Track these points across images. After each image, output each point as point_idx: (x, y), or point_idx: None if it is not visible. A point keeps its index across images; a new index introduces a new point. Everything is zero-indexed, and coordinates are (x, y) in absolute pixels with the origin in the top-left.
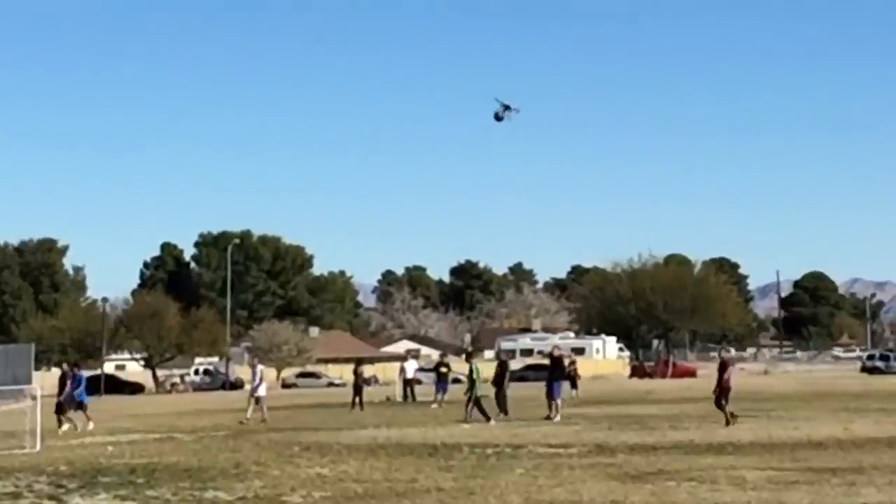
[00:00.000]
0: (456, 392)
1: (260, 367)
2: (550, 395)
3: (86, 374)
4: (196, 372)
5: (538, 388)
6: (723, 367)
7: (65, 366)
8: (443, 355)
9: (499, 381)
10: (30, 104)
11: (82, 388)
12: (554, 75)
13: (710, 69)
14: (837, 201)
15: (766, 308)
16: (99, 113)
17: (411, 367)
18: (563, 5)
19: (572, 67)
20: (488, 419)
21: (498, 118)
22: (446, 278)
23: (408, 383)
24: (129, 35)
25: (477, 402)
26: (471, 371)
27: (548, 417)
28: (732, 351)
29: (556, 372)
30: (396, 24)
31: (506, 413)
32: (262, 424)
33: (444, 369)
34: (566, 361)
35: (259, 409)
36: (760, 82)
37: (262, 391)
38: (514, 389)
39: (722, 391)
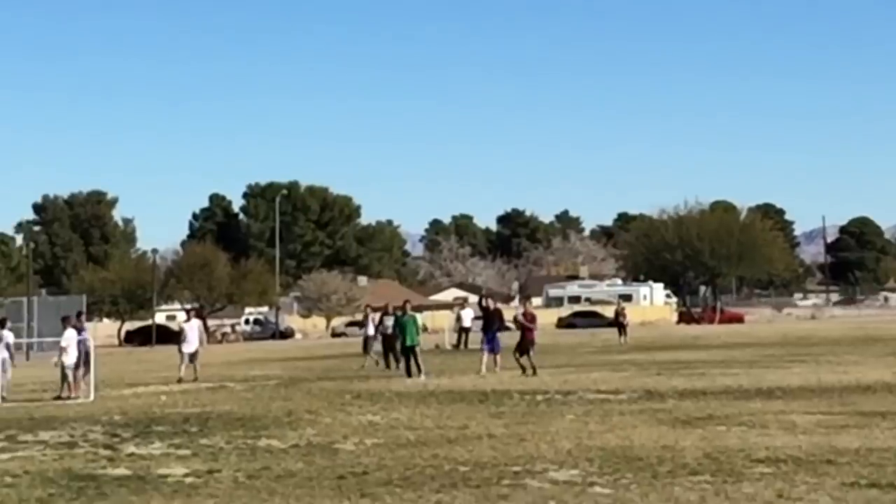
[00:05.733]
0: (506, 339)
1: (192, 323)
2: (491, 349)
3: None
4: (246, 321)
5: (589, 335)
6: (528, 319)
7: None
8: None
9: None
10: (80, 57)
11: None
12: (599, 20)
13: (757, 11)
14: (883, 146)
15: (812, 254)
16: (148, 65)
17: (468, 315)
18: None
19: (616, 10)
20: (420, 372)
21: None
22: (493, 227)
23: (463, 331)
24: None
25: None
26: (403, 321)
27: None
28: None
29: (490, 324)
30: None
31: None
32: (181, 383)
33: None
34: (521, 312)
35: (191, 365)
36: (804, 25)
37: (191, 347)
38: (560, 335)
39: (524, 342)
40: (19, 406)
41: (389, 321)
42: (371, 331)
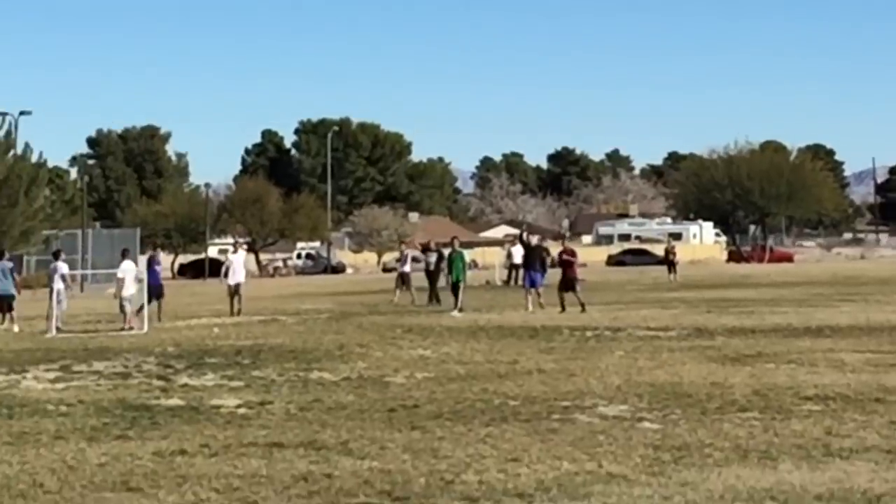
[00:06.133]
0: (552, 276)
1: (239, 255)
2: (532, 285)
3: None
4: (298, 256)
5: (638, 273)
6: (569, 255)
7: None
8: (541, 239)
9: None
10: None
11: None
12: None
13: None
14: None
15: (862, 194)
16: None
17: (518, 252)
18: None
19: None
20: (459, 308)
21: None
22: (544, 165)
23: (514, 268)
24: None
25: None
26: (451, 257)
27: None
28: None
29: (530, 260)
30: None
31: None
32: (233, 316)
33: (543, 254)
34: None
35: (236, 297)
36: None
37: (237, 279)
38: (609, 273)
39: (567, 279)
40: (74, 336)
41: (432, 257)
42: (407, 268)
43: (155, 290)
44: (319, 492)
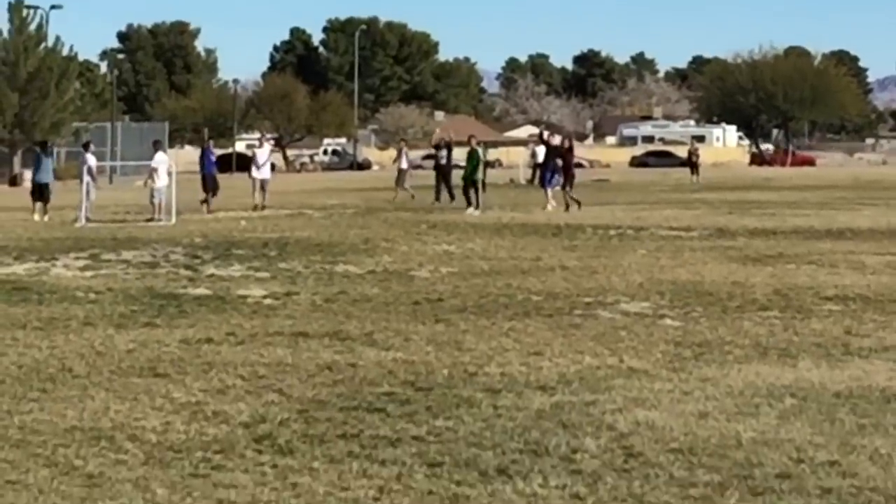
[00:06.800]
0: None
1: (262, 149)
2: (543, 184)
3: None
4: (325, 152)
5: (661, 174)
6: (570, 152)
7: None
8: (565, 138)
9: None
10: None
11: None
12: None
13: None
14: None
15: (886, 101)
16: None
17: (542, 151)
18: None
19: None
20: (469, 205)
21: None
22: (569, 66)
23: (538, 167)
24: None
25: (468, 186)
26: (468, 154)
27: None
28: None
29: (547, 159)
30: None
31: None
32: (257, 210)
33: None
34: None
35: (261, 192)
36: None
37: (263, 173)
38: (632, 174)
39: (567, 177)
40: (102, 227)
41: (443, 153)
42: (405, 164)
43: (209, 181)
44: (343, 381)
